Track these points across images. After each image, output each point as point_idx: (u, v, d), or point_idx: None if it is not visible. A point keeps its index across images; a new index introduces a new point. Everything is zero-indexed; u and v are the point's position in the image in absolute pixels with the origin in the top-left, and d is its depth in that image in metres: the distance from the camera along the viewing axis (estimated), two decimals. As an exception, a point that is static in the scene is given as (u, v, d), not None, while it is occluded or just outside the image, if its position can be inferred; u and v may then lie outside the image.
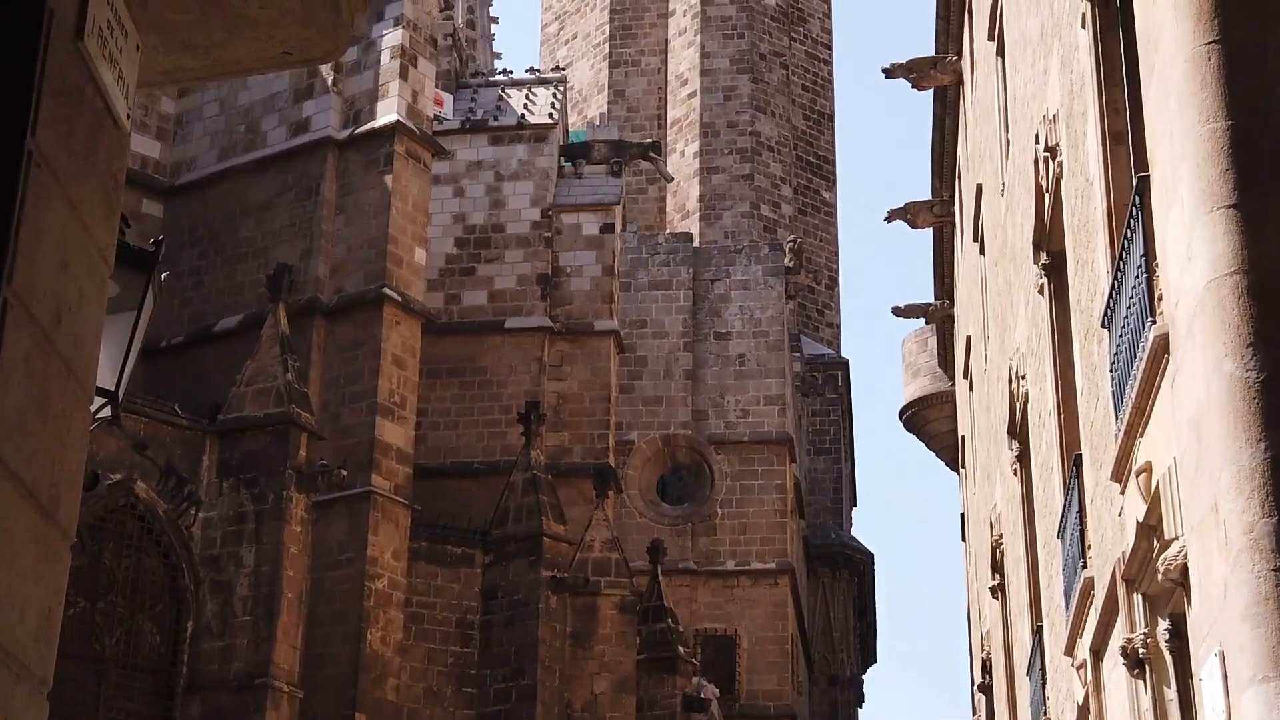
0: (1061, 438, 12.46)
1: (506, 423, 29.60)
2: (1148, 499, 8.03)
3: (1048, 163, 12.14)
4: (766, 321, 38.09)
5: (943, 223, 27.21)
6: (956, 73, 23.43)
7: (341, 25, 5.29)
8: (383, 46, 26.23)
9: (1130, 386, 8.28)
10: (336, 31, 5.32)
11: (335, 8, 5.20)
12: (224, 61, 5.40)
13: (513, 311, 31.50)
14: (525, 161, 32.36)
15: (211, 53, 5.31)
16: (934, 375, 34.96)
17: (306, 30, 5.28)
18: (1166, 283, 7.49)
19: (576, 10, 50.97)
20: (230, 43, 5.29)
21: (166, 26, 5.17)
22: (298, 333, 24.22)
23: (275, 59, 5.42)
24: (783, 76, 47.91)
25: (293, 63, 5.44)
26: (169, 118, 27.99)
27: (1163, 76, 7.42)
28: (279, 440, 22.50)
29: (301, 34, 5.30)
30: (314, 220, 25.69)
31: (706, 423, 37.38)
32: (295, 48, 5.35)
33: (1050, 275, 12.81)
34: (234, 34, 5.25)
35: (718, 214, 45.56)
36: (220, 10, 5.16)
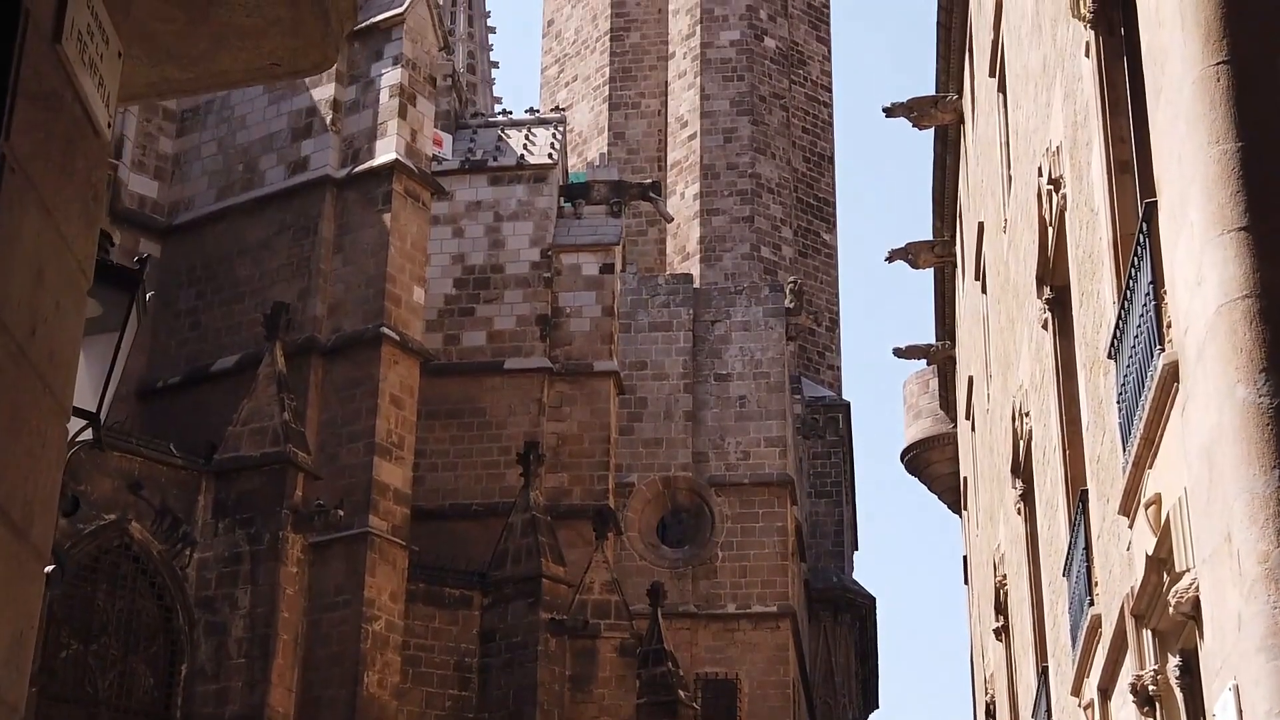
0: (1066, 474, 12.32)
1: (505, 464, 29.44)
2: (1157, 531, 7.87)
3: (1051, 195, 12.05)
4: (767, 363, 37.95)
5: (944, 263, 27.15)
6: (957, 111, 23.41)
7: (331, 35, 5.15)
8: (381, 85, 26.20)
9: (1138, 417, 8.14)
10: (326, 41, 5.19)
11: (324, 17, 5.07)
12: (211, 73, 5.27)
13: (512, 352, 31.39)
14: (524, 202, 32.32)
15: (198, 64, 5.18)
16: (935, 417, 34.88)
17: (295, 40, 5.15)
18: (1175, 309, 7.35)
19: (576, 53, 51.07)
20: (217, 53, 5.15)
21: (151, 36, 5.03)
22: (295, 372, 24.08)
23: (263, 70, 5.28)
24: (783, 118, 47.96)
25: (281, 74, 5.31)
26: (167, 157, 27.94)
27: (1170, 99, 7.31)
28: (275, 480, 22.33)
29: (290, 44, 5.17)
30: (312, 259, 25.59)
31: (707, 465, 37.19)
32: (284, 59, 5.22)
33: (1054, 310, 12.71)
34: (221, 44, 5.11)
35: (718, 256, 45.51)
36: (206, 19, 5.02)
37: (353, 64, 26.74)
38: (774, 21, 48.71)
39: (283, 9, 4.99)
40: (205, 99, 27.94)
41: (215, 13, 5.04)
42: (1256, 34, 6.75)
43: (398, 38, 26.29)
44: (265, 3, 4.96)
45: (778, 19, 48.89)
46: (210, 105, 28.01)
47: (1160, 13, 7.55)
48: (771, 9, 48.75)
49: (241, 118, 27.47)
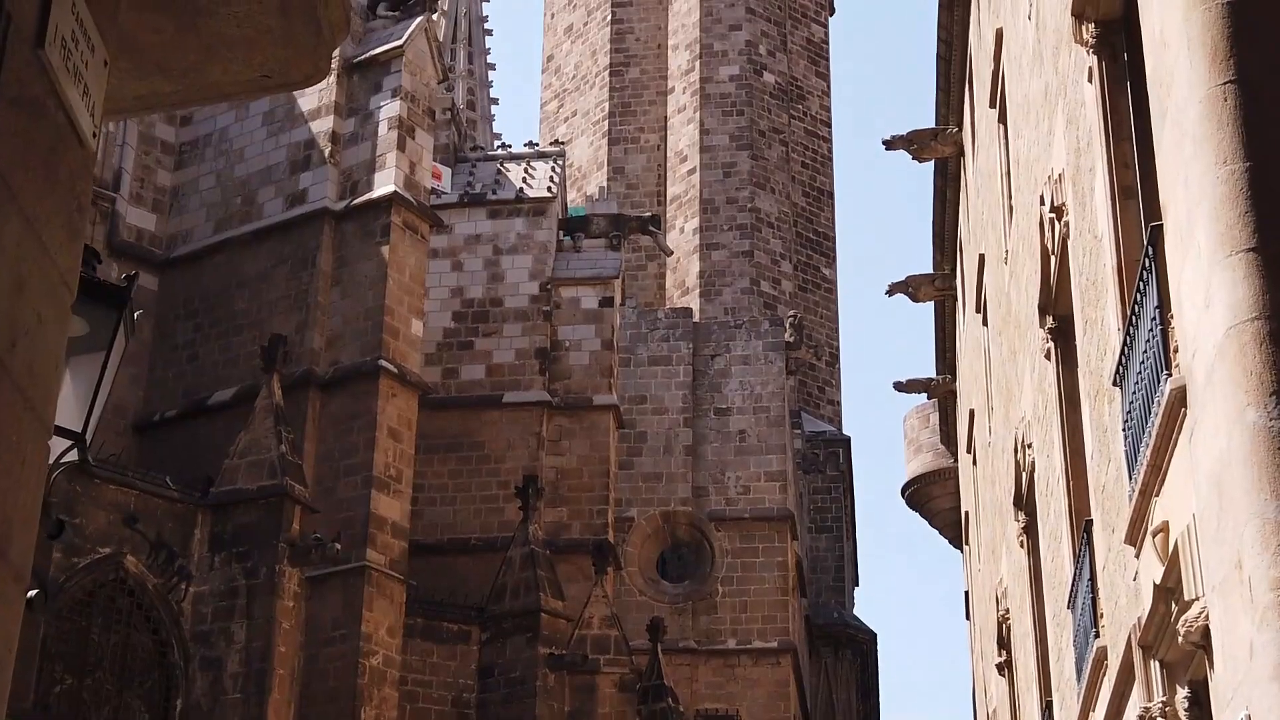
0: (1070, 505, 12.23)
1: (504, 498, 29.32)
2: (1165, 560, 7.76)
3: (1054, 224, 11.99)
4: (767, 397, 37.86)
5: (944, 296, 27.11)
6: (957, 144, 23.40)
7: (323, 45, 5.05)
8: (380, 118, 26.16)
9: (1145, 444, 8.05)
10: (317, 52, 5.08)
11: (316, 26, 4.97)
12: (200, 85, 5.17)
13: (511, 386, 31.29)
14: (524, 235, 32.28)
15: (187, 76, 5.08)
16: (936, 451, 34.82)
17: (287, 50, 5.04)
18: (1183, 334, 7.26)
19: (576, 88, 51.17)
20: (207, 65, 5.05)
21: (139, 47, 4.93)
22: (293, 405, 23.95)
23: (254, 82, 5.19)
24: (782, 153, 48.01)
25: (272, 86, 5.20)
26: (165, 190, 27.89)
27: (1176, 120, 7.23)
28: (272, 513, 22.18)
29: (282, 55, 5.06)
30: (310, 292, 25.50)
31: (707, 499, 37.06)
32: (275, 70, 5.12)
33: (1057, 339, 12.65)
34: (211, 55, 5.01)
35: (717, 290, 45.49)
36: (196, 30, 4.92)
37: (351, 96, 26.71)
38: (773, 57, 48.80)
39: (273, 19, 4.90)
40: (204, 132, 27.91)
41: (204, 23, 4.94)
42: (1263, 53, 6.68)
43: (397, 70, 26.28)
44: (256, 12, 4.86)
45: (777, 54, 48.99)
46: (209, 138, 27.97)
47: (1164, 34, 7.48)
48: (771, 44, 48.85)
49: (240, 150, 27.43)
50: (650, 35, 49.95)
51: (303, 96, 26.82)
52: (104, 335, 5.39)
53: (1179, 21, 7.09)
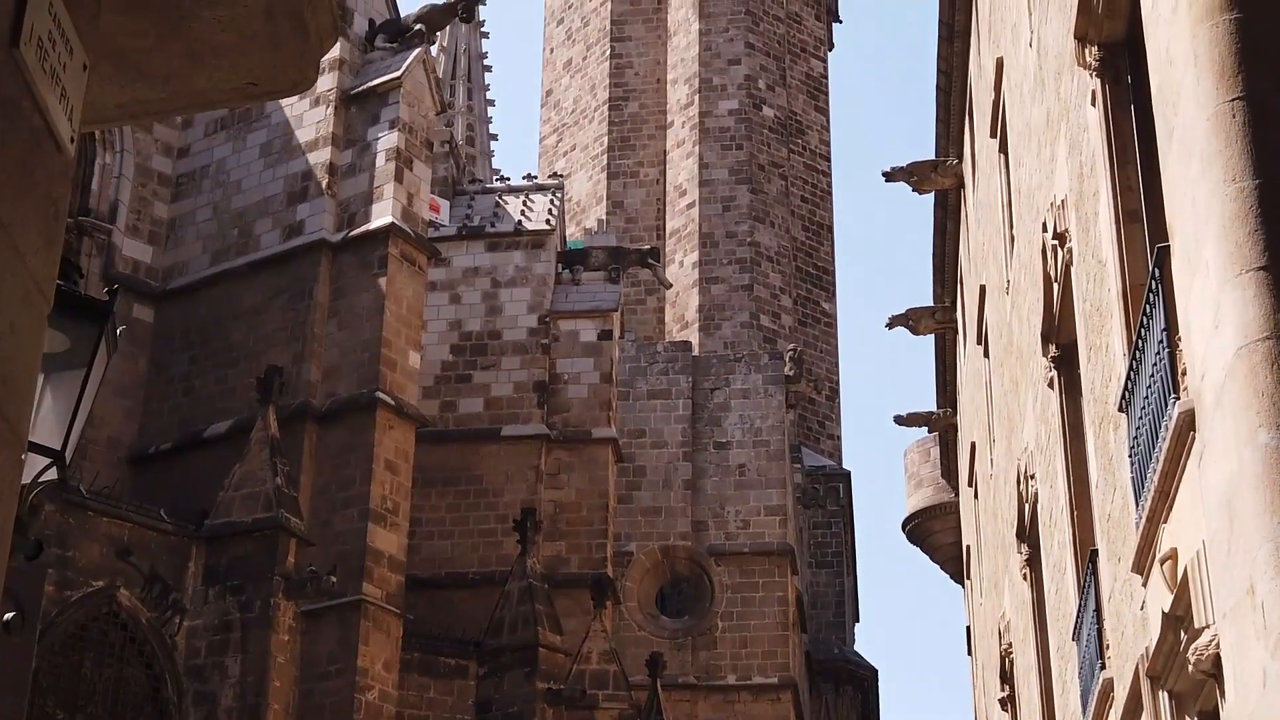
0: (1075, 535, 12.15)
1: (503, 532, 29.16)
2: (1174, 588, 7.64)
3: (1056, 250, 11.92)
4: (767, 431, 37.72)
5: (945, 329, 27.08)
6: (957, 176, 23.39)
7: (310, 51, 4.91)
8: (378, 149, 26.09)
9: (1152, 469, 7.94)
10: (305, 59, 4.95)
11: (303, 31, 4.83)
12: (184, 93, 5.03)
13: (509, 419, 31.17)
14: (522, 268, 32.21)
15: (170, 83, 4.94)
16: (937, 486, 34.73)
17: (273, 57, 4.91)
18: (1191, 356, 7.16)
19: (575, 123, 51.20)
20: (191, 72, 4.92)
21: (121, 53, 4.79)
22: (289, 438, 23.80)
23: (240, 90, 5.05)
24: (781, 187, 48.01)
25: (259, 94, 5.07)
26: (161, 222, 27.79)
27: (1183, 139, 7.14)
28: (267, 546, 22.00)
29: (268, 61, 4.93)
30: (307, 324, 25.38)
31: (706, 534, 36.88)
32: (261, 78, 4.98)
33: (1060, 367, 12.59)
34: (195, 62, 4.88)
35: (717, 324, 45.40)
36: (179, 34, 4.79)
37: (349, 128, 26.65)
38: (772, 91, 48.86)
39: (259, 24, 4.77)
40: (201, 164, 27.84)
41: (188, 27, 4.81)
42: (1272, 69, 6.60)
43: (394, 102, 26.21)
44: (241, 17, 4.73)
45: (776, 88, 49.04)
46: (205, 170, 27.89)
47: (1170, 52, 7.39)
48: (770, 79, 48.91)
49: (237, 182, 27.36)
50: (649, 70, 50.01)
51: (300, 128, 26.77)
52: (86, 351, 5.25)
53: (1186, 38, 7.01)
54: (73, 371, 5.26)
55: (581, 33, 52.04)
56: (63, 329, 5.24)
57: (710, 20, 48.71)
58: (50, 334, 5.18)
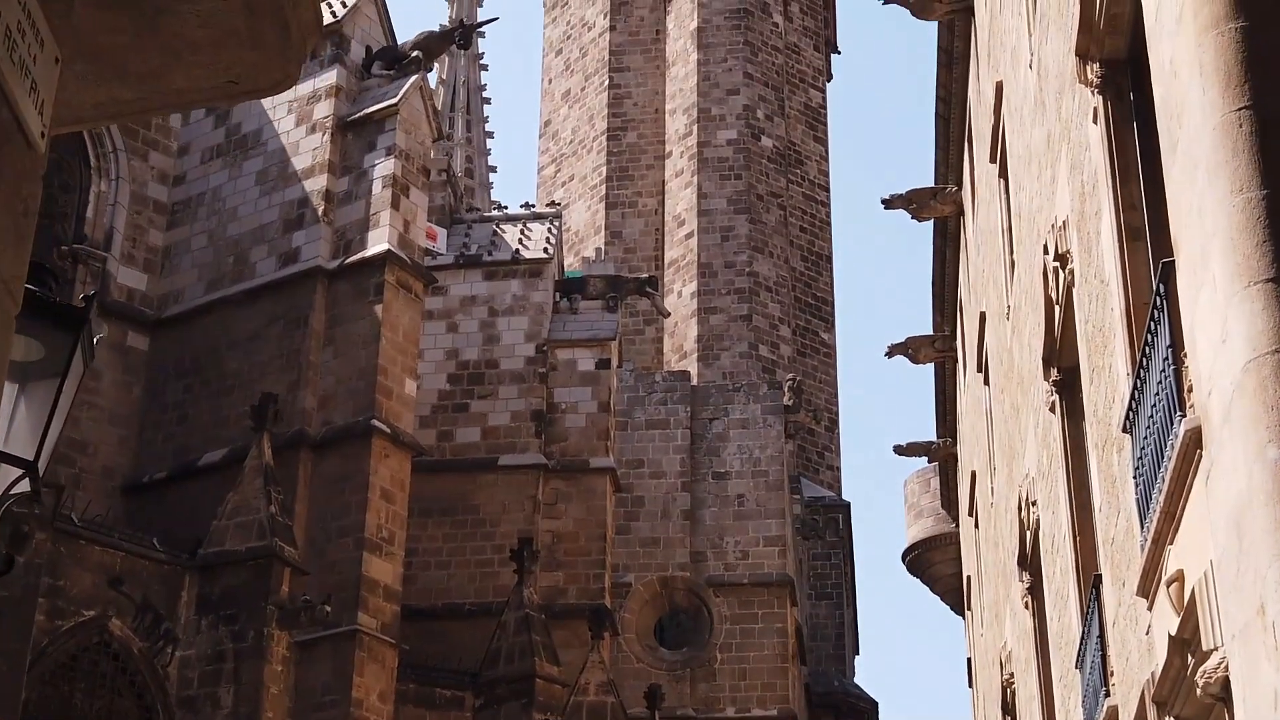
0: (1077, 561, 12.05)
1: (500, 563, 28.99)
2: (1180, 610, 7.51)
3: (1058, 272, 11.85)
4: (766, 461, 37.57)
5: (944, 357, 27.05)
6: (956, 203, 23.36)
7: (292, 48, 4.76)
8: (374, 176, 25.99)
9: (1157, 489, 7.83)
10: (286, 57, 4.80)
11: (284, 27, 4.68)
12: (162, 92, 4.88)
13: (506, 449, 31.03)
14: (520, 296, 32.12)
15: (148, 81, 4.80)
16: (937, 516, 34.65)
17: (254, 54, 4.76)
18: (1197, 371, 7.04)
19: (573, 153, 51.18)
20: (169, 70, 4.77)
21: (96, 49, 4.65)
22: (284, 466, 23.63)
23: (220, 89, 4.90)
24: (780, 217, 47.95)
25: (239, 94, 4.92)
26: (157, 250, 27.67)
27: (1188, 151, 7.03)
28: (260, 575, 21.80)
29: (248, 59, 4.78)
30: (302, 351, 25.24)
31: (705, 564, 36.69)
32: (241, 76, 4.84)
33: (1062, 391, 12.52)
34: (173, 59, 4.73)
35: (716, 355, 45.27)
36: (156, 30, 4.64)
37: (345, 155, 26.57)
38: (771, 121, 48.86)
39: (239, 19, 4.62)
40: (196, 191, 27.74)
41: (165, 23, 4.66)
42: (1278, 77, 6.48)
43: (391, 128, 26.13)
44: (220, 12, 4.59)
45: (775, 119, 49.05)
46: (201, 197, 27.79)
47: (1174, 63, 7.29)
48: (768, 109, 48.92)
49: (233, 209, 27.26)
50: (648, 100, 50.02)
51: (296, 155, 26.70)
52: (61, 360, 5.09)
53: (1191, 48, 6.91)
54: (48, 381, 5.11)
55: (580, 63, 52.09)
56: (38, 337, 5.09)
57: (709, 51, 48.75)
58: (25, 342, 5.03)
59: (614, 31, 50.90)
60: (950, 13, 20.58)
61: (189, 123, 28.10)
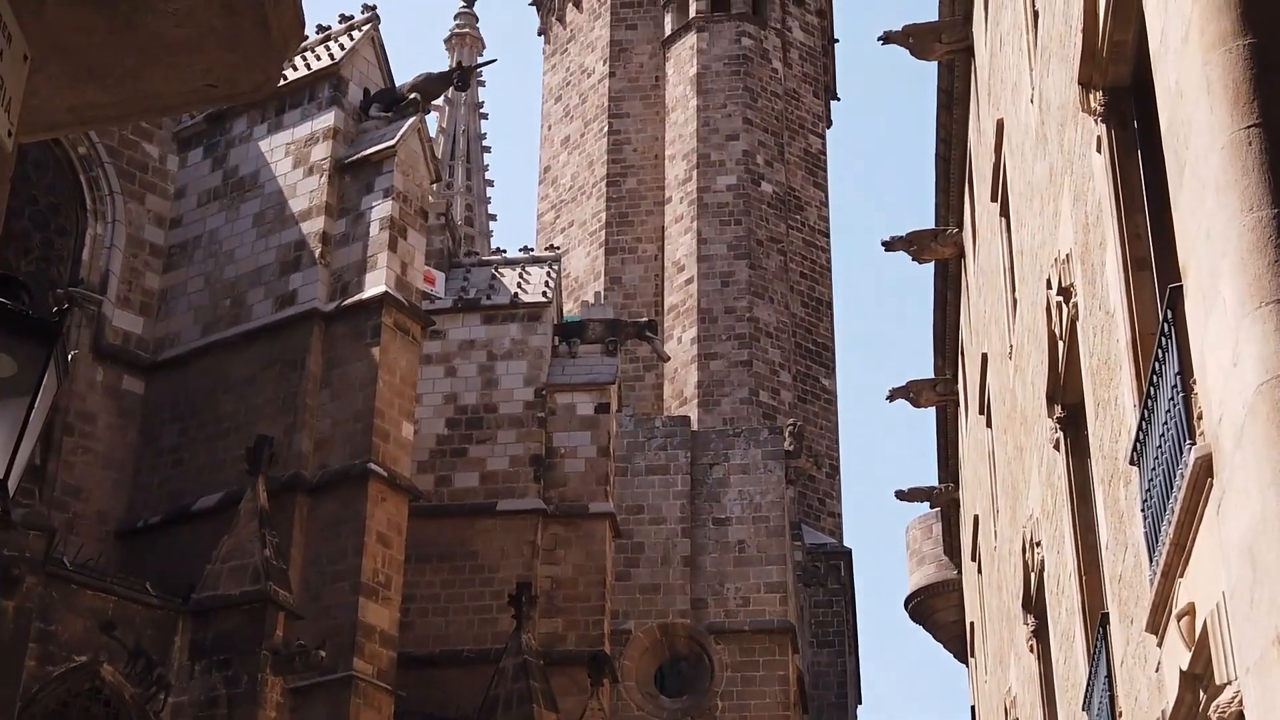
0: (1083, 600, 11.90)
1: (498, 609, 28.75)
2: (1191, 644, 7.35)
3: (1061, 307, 11.76)
4: (766, 506, 37.35)
5: (946, 401, 26.95)
6: (957, 245, 23.31)
7: (273, 50, 4.60)
8: (372, 218, 25.89)
9: (1167, 522, 7.68)
10: (267, 58, 4.63)
11: (265, 27, 4.52)
12: (139, 95, 4.71)
13: (505, 493, 30.83)
14: (518, 340, 31.99)
15: (124, 84, 4.63)
16: (939, 563, 34.49)
17: (233, 54, 4.60)
18: (1207, 398, 6.89)
19: (573, 199, 51.17)
20: (145, 71, 4.60)
21: (69, 49, 4.48)
22: (280, 510, 23.43)
23: (198, 92, 4.73)
24: (780, 262, 47.87)
25: (218, 96, 4.75)
26: (153, 293, 27.54)
27: (1196, 172, 6.91)
28: (255, 619, 21.55)
29: (227, 60, 4.62)
30: (299, 394, 25.07)
31: (705, 611, 36.40)
32: (220, 78, 4.67)
33: (1066, 428, 12.41)
34: (149, 60, 4.56)
35: (716, 400, 45.08)
36: (131, 28, 4.47)
37: (343, 197, 26.49)
38: (771, 167, 48.86)
39: (217, 18, 4.46)
40: (193, 234, 27.64)
41: (141, 21, 4.49)
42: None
43: (389, 170, 26.04)
44: (197, 9, 4.43)
45: (774, 164, 49.05)
46: (198, 240, 27.69)
47: (1181, 84, 7.17)
48: (768, 154, 48.93)
49: (229, 252, 27.15)
50: (647, 146, 50.04)
51: (294, 197, 26.62)
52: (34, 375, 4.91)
53: (1197, 67, 6.80)
54: (20, 398, 4.93)
55: (580, 109, 52.15)
56: (9, 352, 4.91)
57: (708, 96, 48.79)
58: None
59: (613, 78, 50.97)
60: (950, 53, 20.56)
61: (186, 165, 28.06)
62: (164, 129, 28.17)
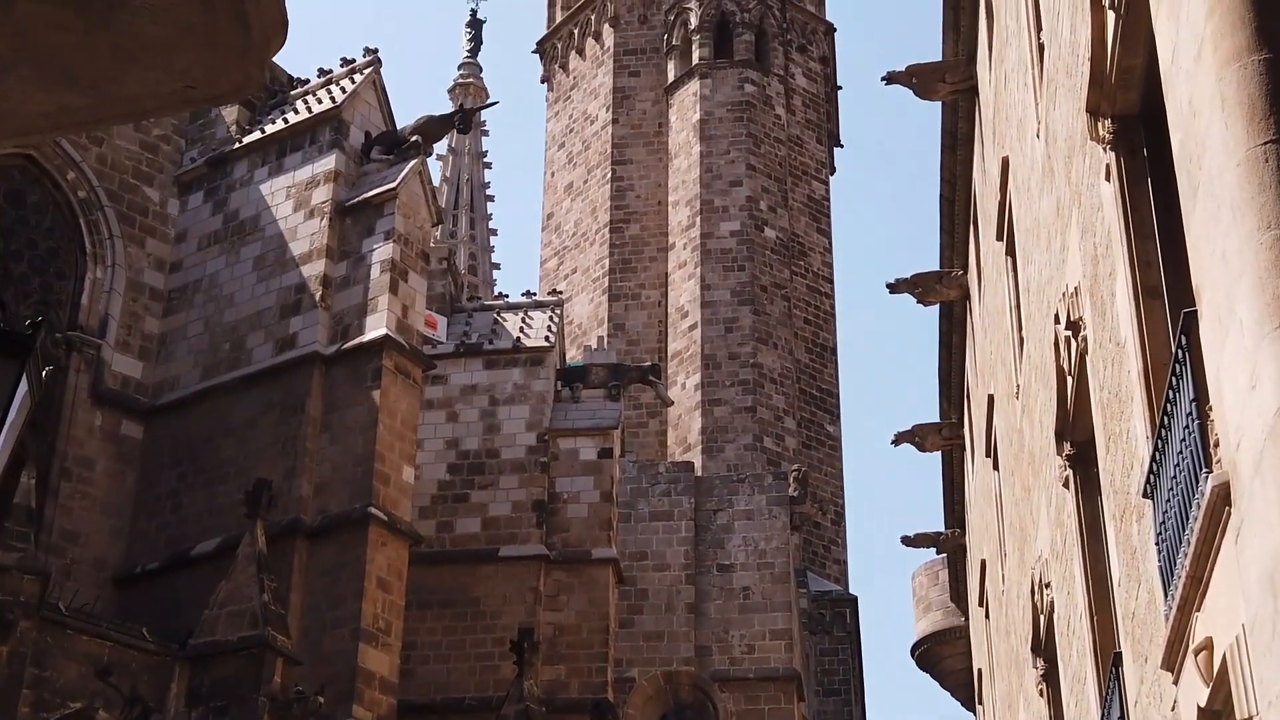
0: (1095, 641, 11.68)
1: (500, 656, 28.45)
2: (1210, 680, 7.14)
3: (1070, 341, 11.59)
4: (771, 553, 37.07)
5: (951, 445, 26.78)
6: (962, 287, 23.18)
7: (253, 49, 4.42)
8: (373, 260, 25.76)
9: (1183, 554, 7.47)
10: (247, 58, 4.45)
11: (245, 25, 4.34)
12: (115, 99, 4.53)
13: (507, 539, 30.59)
14: (521, 385, 31.82)
15: (99, 86, 4.45)
16: (946, 610, 34.27)
17: (213, 55, 4.41)
18: (1224, 424, 6.71)
19: (576, 245, 51.11)
20: (121, 73, 4.42)
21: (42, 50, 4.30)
22: (279, 555, 23.19)
23: (176, 94, 4.55)
24: (784, 308, 47.72)
25: (197, 99, 4.57)
26: (152, 337, 27.39)
27: (1210, 191, 6.74)
28: (252, 665, 21.28)
29: (207, 60, 4.43)
30: (298, 438, 24.87)
31: (710, 658, 36.07)
32: (199, 79, 4.48)
33: (1076, 466, 12.23)
34: (125, 60, 4.38)
35: (720, 447, 44.82)
36: (106, 26, 4.29)
37: (344, 239, 26.36)
38: (774, 213, 48.80)
39: (195, 14, 4.27)
40: (193, 278, 27.52)
41: (116, 19, 4.31)
42: (1307, 108, 6.20)
43: (390, 213, 25.94)
44: (174, 4, 4.24)
45: (778, 210, 48.99)
46: (198, 284, 27.56)
47: (1194, 103, 7.01)
48: (771, 200, 48.87)
49: (229, 296, 27.01)
50: (650, 192, 50.01)
51: (295, 240, 26.51)
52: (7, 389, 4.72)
53: (1211, 83, 6.65)
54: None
55: (583, 156, 52.15)
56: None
57: (711, 143, 48.76)
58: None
59: (616, 124, 50.99)
60: (954, 93, 20.47)
61: (187, 209, 27.98)
62: (165, 173, 28.13)
